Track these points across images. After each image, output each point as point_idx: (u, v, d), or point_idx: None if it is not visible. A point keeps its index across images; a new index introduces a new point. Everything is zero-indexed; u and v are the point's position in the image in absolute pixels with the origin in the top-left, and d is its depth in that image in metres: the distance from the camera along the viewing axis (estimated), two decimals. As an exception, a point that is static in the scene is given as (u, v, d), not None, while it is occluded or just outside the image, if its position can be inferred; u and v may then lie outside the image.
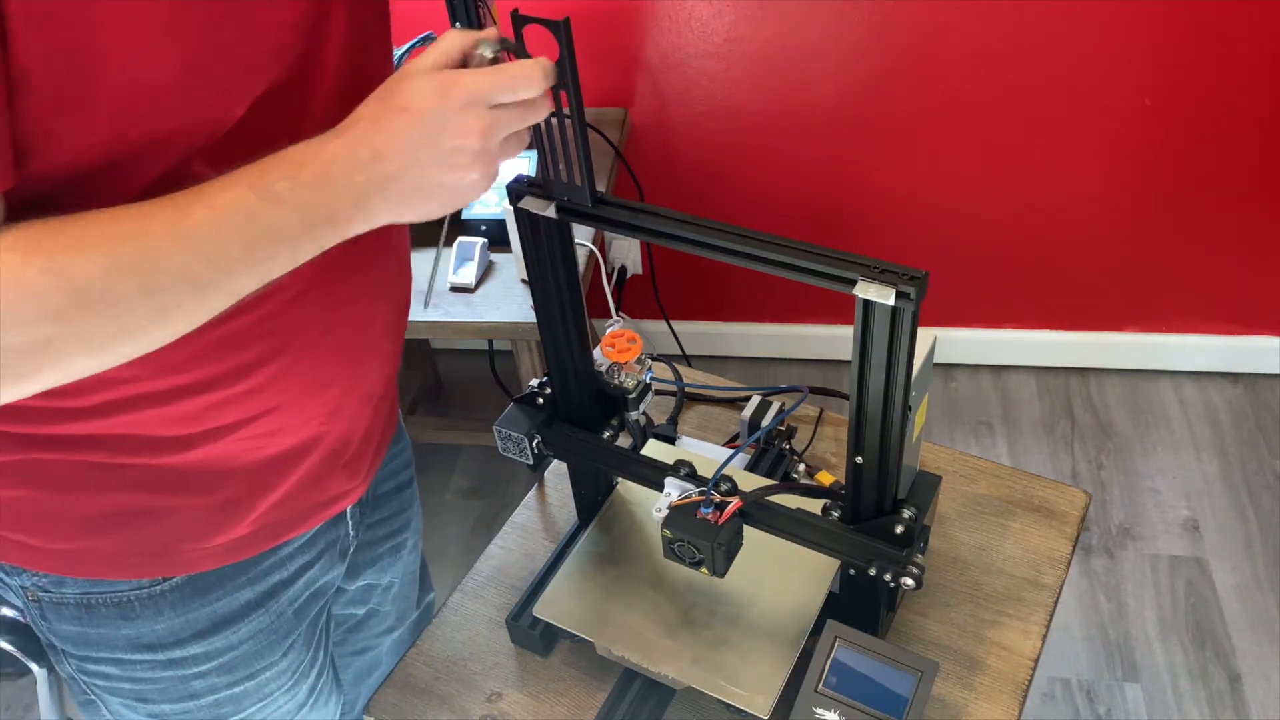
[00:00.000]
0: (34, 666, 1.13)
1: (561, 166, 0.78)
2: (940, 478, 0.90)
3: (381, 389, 0.93)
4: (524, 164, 1.69)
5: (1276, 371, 2.40)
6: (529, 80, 0.66)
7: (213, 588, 0.88)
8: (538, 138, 0.77)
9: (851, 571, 0.90)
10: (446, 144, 0.65)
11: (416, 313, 1.63)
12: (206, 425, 0.80)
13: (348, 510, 0.98)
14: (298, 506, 0.90)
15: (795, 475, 1.12)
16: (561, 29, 0.67)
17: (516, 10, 0.69)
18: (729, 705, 0.89)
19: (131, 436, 0.78)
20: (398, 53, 1.68)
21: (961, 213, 2.23)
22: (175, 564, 0.86)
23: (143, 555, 0.84)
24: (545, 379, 0.98)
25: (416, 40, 1.73)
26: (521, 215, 0.83)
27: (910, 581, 0.83)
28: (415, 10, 1.66)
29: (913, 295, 0.68)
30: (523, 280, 1.66)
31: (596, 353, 0.97)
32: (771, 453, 1.13)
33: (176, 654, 0.89)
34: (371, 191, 0.65)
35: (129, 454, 0.79)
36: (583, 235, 1.69)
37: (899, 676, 0.84)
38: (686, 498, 0.88)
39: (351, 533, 1.01)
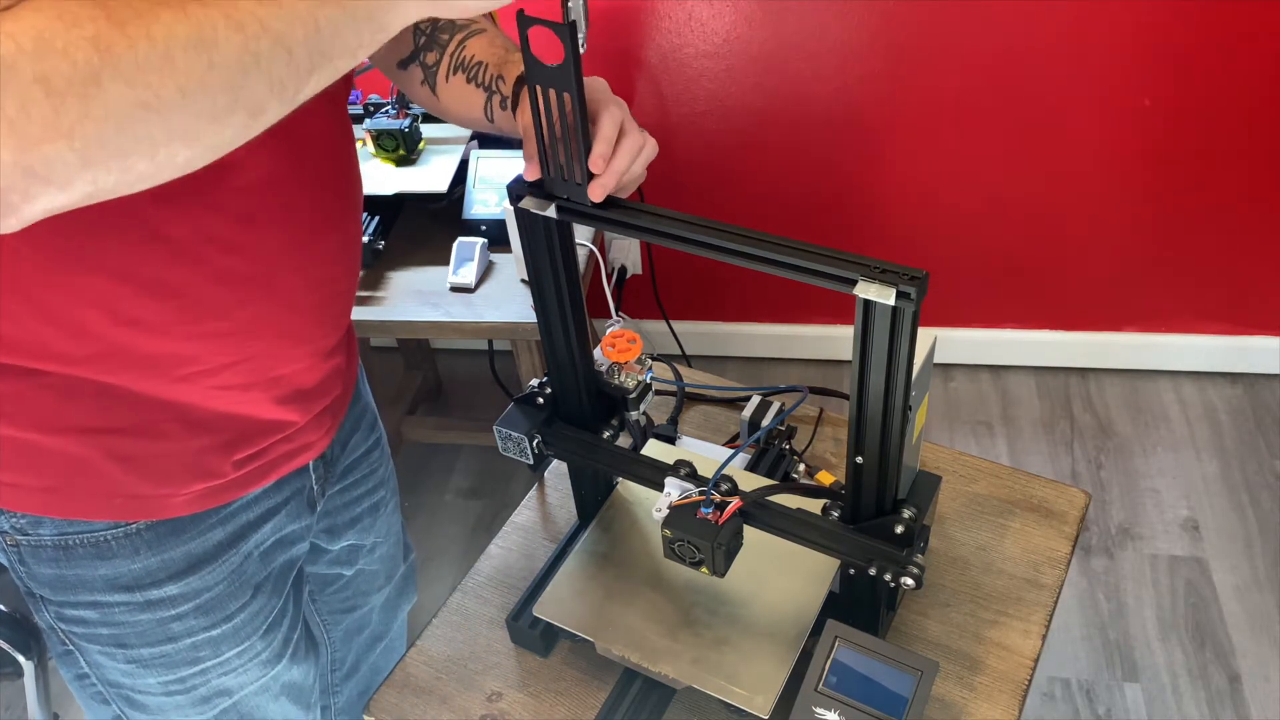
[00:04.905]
0: (21, 658, 1.13)
1: (562, 166, 0.78)
2: (940, 478, 0.90)
3: (335, 342, 0.96)
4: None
5: (1276, 371, 2.40)
6: None
7: (186, 528, 0.91)
8: (538, 137, 0.77)
9: (851, 571, 0.90)
10: None
11: (417, 313, 1.63)
12: (182, 370, 0.82)
13: (310, 464, 1.01)
14: (270, 456, 0.94)
15: (795, 475, 1.12)
16: (565, 31, 0.67)
17: (522, 11, 0.69)
18: (729, 705, 0.89)
19: (111, 383, 0.80)
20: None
21: (961, 213, 2.24)
22: (152, 509, 0.88)
23: (122, 498, 0.86)
24: (545, 379, 0.98)
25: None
26: (521, 215, 0.83)
27: (910, 581, 0.83)
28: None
29: (913, 295, 0.68)
30: (523, 280, 1.66)
31: (596, 353, 0.97)
32: (771, 453, 1.13)
33: (154, 594, 0.92)
34: None
35: (111, 396, 0.81)
36: (583, 235, 1.69)
37: (899, 676, 0.84)
38: (687, 498, 0.88)
39: (315, 486, 1.04)
